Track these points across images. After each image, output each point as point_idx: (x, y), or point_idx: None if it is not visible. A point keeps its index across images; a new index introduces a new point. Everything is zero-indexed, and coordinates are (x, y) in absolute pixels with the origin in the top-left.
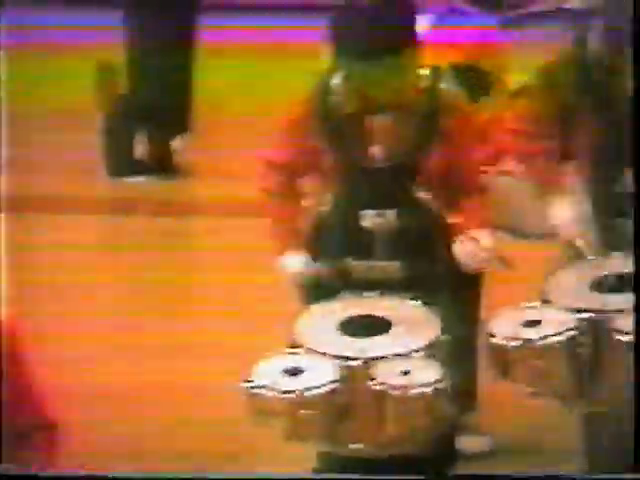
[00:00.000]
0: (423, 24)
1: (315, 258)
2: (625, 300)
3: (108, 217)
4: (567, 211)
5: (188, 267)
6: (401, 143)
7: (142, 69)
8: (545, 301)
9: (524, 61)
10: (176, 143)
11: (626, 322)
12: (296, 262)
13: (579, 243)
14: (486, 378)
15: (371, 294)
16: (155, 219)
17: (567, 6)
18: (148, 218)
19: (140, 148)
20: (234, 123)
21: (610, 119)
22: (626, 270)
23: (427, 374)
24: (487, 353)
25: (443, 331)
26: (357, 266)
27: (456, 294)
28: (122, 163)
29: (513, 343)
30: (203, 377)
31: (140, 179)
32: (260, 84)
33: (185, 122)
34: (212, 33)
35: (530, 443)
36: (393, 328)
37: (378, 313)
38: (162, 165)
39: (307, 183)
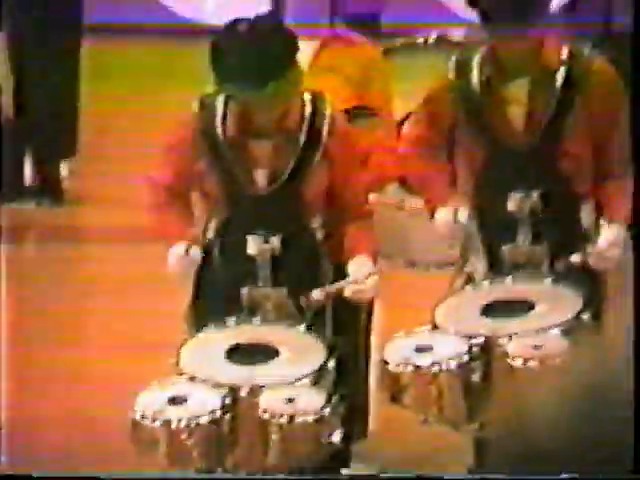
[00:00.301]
0: (306, 49)
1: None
2: (515, 325)
3: None
4: (452, 218)
5: (77, 295)
6: (285, 168)
7: (27, 91)
8: (437, 327)
9: (409, 88)
10: (64, 168)
11: (516, 346)
12: (185, 251)
13: (469, 268)
14: (378, 404)
15: (258, 320)
16: (43, 246)
17: (449, 36)
18: (36, 245)
19: (27, 173)
20: (122, 147)
21: (491, 146)
22: (515, 295)
23: (312, 401)
24: (379, 379)
25: (329, 357)
26: (244, 293)
27: (343, 320)
28: (8, 189)
29: (405, 369)
30: (92, 406)
31: (27, 205)
32: (148, 107)
33: (72, 146)
34: (98, 54)
35: (422, 469)
36: (280, 355)
37: (265, 340)
38: (50, 191)
39: (193, 209)
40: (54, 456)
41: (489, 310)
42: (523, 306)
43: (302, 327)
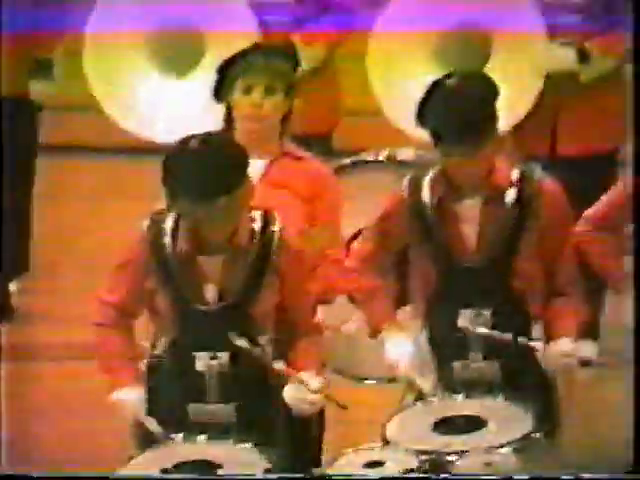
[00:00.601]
0: (256, 165)
1: (151, 399)
2: (466, 442)
3: None
4: (403, 348)
5: (26, 412)
6: (234, 284)
7: None
8: (387, 442)
9: (359, 205)
10: (14, 285)
11: (466, 464)
12: (131, 397)
13: (419, 384)
14: None
15: (204, 438)
16: None
17: (400, 155)
18: None
19: None
20: (73, 265)
21: (444, 263)
22: (467, 412)
23: None
24: None
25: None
26: (191, 410)
27: (290, 437)
28: None
29: None
30: None
31: None
32: (99, 225)
33: (24, 264)
34: (50, 173)
35: None
36: (224, 473)
37: (210, 458)
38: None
39: (143, 326)
40: None
41: (440, 426)
42: (474, 423)
43: (249, 445)
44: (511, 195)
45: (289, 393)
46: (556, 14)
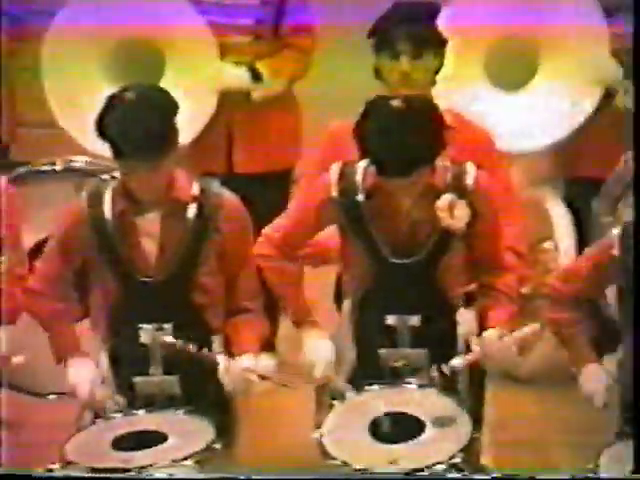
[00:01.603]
0: None
1: None
2: (148, 457)
3: None
4: (85, 370)
5: None
6: None
7: None
8: (68, 463)
9: (38, 215)
10: None
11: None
12: None
13: (100, 401)
14: None
15: None
16: None
17: (77, 165)
18: None
19: None
20: None
21: (124, 278)
22: (147, 427)
23: None
24: None
25: None
26: None
27: None
28: None
29: None
30: None
31: None
32: None
33: None
34: None
35: None
36: None
37: None
38: None
39: None
40: None
41: (121, 443)
42: (156, 438)
43: None
44: (192, 209)
45: None
46: (228, 33)
